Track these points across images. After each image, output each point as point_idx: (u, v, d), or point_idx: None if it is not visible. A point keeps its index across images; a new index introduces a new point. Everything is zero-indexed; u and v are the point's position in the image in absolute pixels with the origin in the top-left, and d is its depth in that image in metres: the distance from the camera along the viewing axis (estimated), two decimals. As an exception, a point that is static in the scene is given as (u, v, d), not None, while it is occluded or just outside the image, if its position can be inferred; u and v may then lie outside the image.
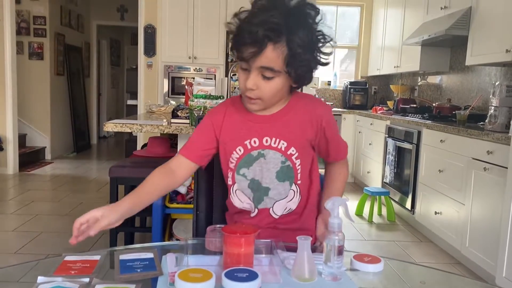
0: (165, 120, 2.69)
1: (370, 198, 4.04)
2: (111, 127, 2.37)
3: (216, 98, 2.33)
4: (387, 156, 4.25)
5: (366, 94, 5.85)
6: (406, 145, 3.81)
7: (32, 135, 6.25)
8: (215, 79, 5.02)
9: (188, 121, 2.40)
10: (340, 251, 0.94)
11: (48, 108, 6.29)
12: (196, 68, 5.12)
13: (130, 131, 2.40)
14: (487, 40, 3.12)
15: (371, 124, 4.82)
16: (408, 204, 3.73)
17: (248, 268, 0.88)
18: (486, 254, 2.60)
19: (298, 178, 1.20)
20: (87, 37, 7.78)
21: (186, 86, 3.18)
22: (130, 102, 6.37)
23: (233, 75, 4.32)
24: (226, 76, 5.02)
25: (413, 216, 3.69)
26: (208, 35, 5.10)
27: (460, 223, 2.91)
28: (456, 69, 4.17)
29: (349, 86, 5.85)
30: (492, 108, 2.83)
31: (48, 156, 6.33)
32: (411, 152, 3.69)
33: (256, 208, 1.22)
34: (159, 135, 3.36)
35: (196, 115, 2.08)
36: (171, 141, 3.20)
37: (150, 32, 5.23)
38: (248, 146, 1.18)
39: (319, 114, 1.18)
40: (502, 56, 2.90)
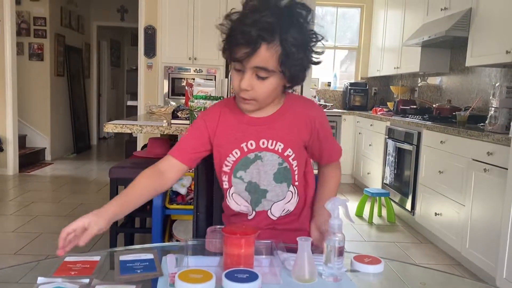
0: (165, 121, 2.69)
1: (370, 199, 4.04)
2: (111, 128, 2.37)
3: (216, 99, 2.32)
4: (387, 157, 4.25)
5: (366, 95, 5.85)
6: (406, 146, 3.81)
7: (32, 136, 6.25)
8: (215, 80, 5.02)
9: (188, 122, 2.40)
10: (340, 252, 0.94)
11: (48, 109, 6.30)
12: (196, 69, 5.12)
13: (130, 132, 2.39)
14: (487, 41, 3.12)
15: (371, 125, 4.83)
16: (408, 205, 3.73)
17: (248, 269, 0.88)
18: (486, 255, 2.60)
19: (296, 179, 1.20)
20: (87, 38, 7.79)
21: (186, 87, 3.18)
22: (130, 103, 6.37)
23: (233, 76, 4.30)
24: (226, 77, 5.01)
25: (413, 217, 3.69)
26: (208, 36, 5.09)
27: (460, 224, 2.91)
28: (456, 70, 4.18)
29: (349, 87, 5.85)
30: (492, 109, 2.84)
31: (48, 157, 6.34)
32: (411, 153, 3.69)
33: (253, 211, 1.21)
34: (159, 136, 3.36)
35: (196, 116, 2.08)
36: (171, 142, 3.19)
37: (150, 33, 5.23)
38: (245, 149, 1.17)
39: (313, 115, 1.19)
40: (502, 57, 2.90)
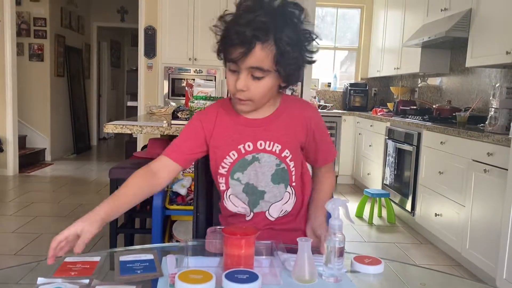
0: (165, 121, 2.69)
1: (370, 199, 4.04)
2: (111, 128, 2.37)
3: (216, 99, 2.33)
4: (387, 158, 4.25)
5: (366, 95, 5.86)
6: (406, 146, 3.81)
7: (32, 137, 6.25)
8: (215, 81, 5.02)
9: (188, 122, 2.39)
10: (340, 252, 0.94)
11: (48, 110, 6.30)
12: (196, 69, 5.12)
13: (130, 132, 2.39)
14: (487, 42, 3.12)
15: (371, 125, 4.83)
16: (408, 206, 3.73)
17: (248, 269, 0.88)
18: (487, 256, 2.60)
19: (293, 180, 1.20)
20: (88, 38, 7.79)
21: (186, 88, 3.18)
22: (130, 103, 6.38)
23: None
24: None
25: (413, 218, 3.69)
26: (208, 36, 5.02)
27: (460, 225, 2.91)
28: (456, 71, 4.18)
29: (349, 88, 5.85)
30: (492, 110, 2.84)
31: (48, 157, 6.34)
32: (411, 154, 3.69)
33: (251, 212, 1.21)
34: (159, 136, 3.36)
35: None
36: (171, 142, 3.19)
37: (150, 33, 5.23)
38: (242, 151, 1.16)
39: (309, 116, 1.20)
40: (502, 58, 2.90)
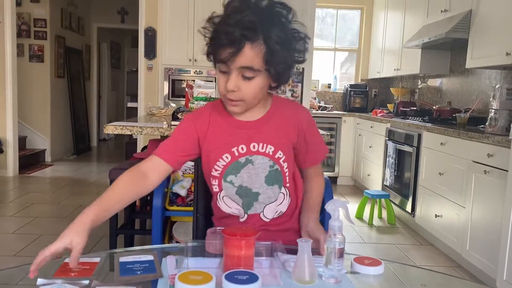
0: (165, 122, 2.69)
1: (371, 201, 4.04)
2: (111, 129, 2.37)
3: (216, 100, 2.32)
4: (387, 159, 4.24)
5: (366, 97, 5.86)
6: (407, 148, 3.81)
7: (32, 138, 6.25)
8: (215, 82, 5.02)
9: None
10: (340, 253, 0.94)
11: (48, 111, 6.30)
12: (196, 70, 5.12)
13: (130, 133, 2.39)
14: (487, 43, 3.12)
15: (371, 127, 4.83)
16: (409, 207, 3.73)
17: (248, 270, 0.88)
18: (487, 257, 2.59)
19: (287, 181, 1.20)
20: (88, 39, 7.79)
21: (186, 89, 3.18)
22: (130, 104, 6.38)
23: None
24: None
25: (413, 219, 3.68)
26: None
27: (460, 226, 2.90)
28: (456, 72, 4.18)
29: (349, 89, 5.86)
30: (493, 111, 2.84)
31: (48, 158, 6.33)
32: (412, 155, 3.69)
33: (245, 214, 1.21)
34: (159, 137, 3.36)
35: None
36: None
37: (151, 34, 5.23)
38: (236, 153, 1.16)
39: (300, 118, 1.20)
40: (502, 59, 2.90)
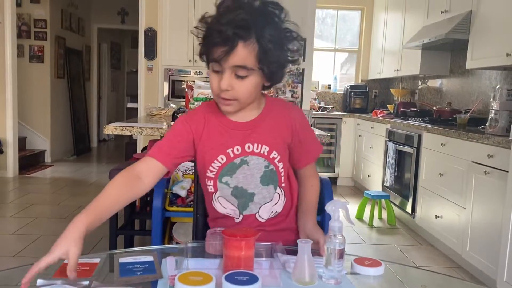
0: (165, 123, 2.69)
1: (371, 201, 4.03)
2: (111, 130, 2.37)
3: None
4: (387, 160, 4.24)
5: (367, 97, 5.86)
6: (407, 148, 3.81)
7: (32, 138, 6.25)
8: (215, 82, 5.01)
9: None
10: (340, 254, 0.94)
11: (48, 111, 6.30)
12: (196, 71, 5.12)
13: (130, 134, 2.39)
14: (487, 44, 3.12)
15: (371, 127, 4.82)
16: (409, 208, 3.73)
17: (248, 271, 0.88)
18: (487, 258, 2.59)
19: (282, 181, 1.20)
20: (88, 40, 7.79)
21: (186, 89, 3.17)
22: (130, 105, 6.38)
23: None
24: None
25: (413, 220, 3.68)
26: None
27: (460, 227, 2.90)
28: (457, 72, 4.18)
29: (349, 90, 5.86)
30: (493, 111, 2.84)
31: (48, 159, 6.33)
32: (412, 156, 3.69)
33: (241, 214, 1.21)
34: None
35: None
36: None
37: (151, 35, 5.23)
38: (231, 155, 1.16)
39: (293, 117, 1.21)
40: (503, 60, 2.90)
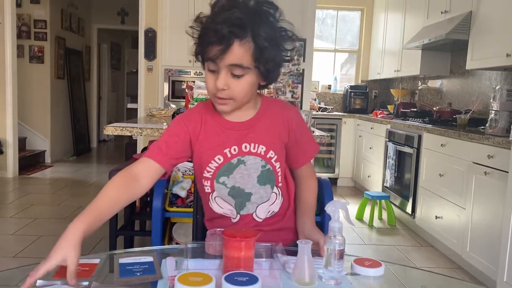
0: (165, 123, 2.69)
1: (371, 202, 4.03)
2: (111, 130, 2.37)
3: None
4: (387, 160, 4.24)
5: (367, 98, 5.86)
6: (407, 149, 3.81)
7: (32, 139, 6.25)
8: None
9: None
10: (340, 255, 0.94)
11: (48, 112, 6.30)
12: (196, 71, 5.11)
13: (130, 134, 2.39)
14: (488, 44, 3.12)
15: (371, 128, 4.82)
16: (409, 208, 3.72)
17: (248, 272, 0.88)
18: (487, 258, 2.59)
19: (279, 181, 1.20)
20: (88, 40, 7.80)
21: (186, 90, 3.18)
22: (130, 105, 6.37)
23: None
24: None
25: (413, 221, 3.68)
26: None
27: (461, 228, 2.90)
28: (457, 73, 4.18)
29: (349, 90, 5.86)
30: (493, 112, 2.84)
31: (48, 159, 6.33)
32: (412, 156, 3.69)
33: (238, 214, 1.20)
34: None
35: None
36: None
37: (151, 35, 5.23)
38: (228, 155, 1.15)
39: (290, 117, 1.20)
40: (503, 60, 2.90)
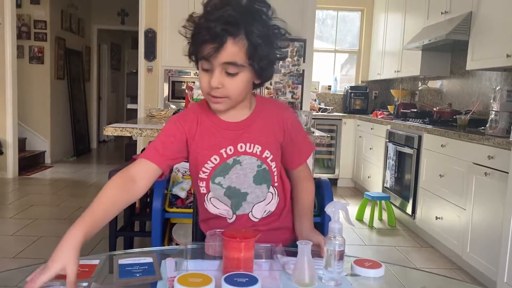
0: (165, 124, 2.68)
1: (371, 202, 4.03)
2: (111, 131, 2.37)
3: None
4: (387, 161, 4.24)
5: (367, 98, 5.85)
6: (407, 149, 3.81)
7: (32, 139, 6.25)
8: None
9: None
10: (340, 256, 0.93)
11: (48, 112, 6.30)
12: (196, 72, 5.08)
13: (130, 135, 2.39)
14: (488, 45, 3.12)
15: (371, 128, 4.82)
16: (409, 209, 3.72)
17: (248, 273, 0.88)
18: (487, 259, 2.59)
19: (275, 180, 1.20)
20: (88, 41, 7.80)
21: (186, 90, 3.18)
22: (130, 106, 6.36)
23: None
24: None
25: (413, 221, 3.68)
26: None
27: (461, 228, 2.90)
28: (457, 73, 4.18)
29: (349, 91, 5.86)
30: (493, 113, 2.83)
31: (47, 160, 6.33)
32: (412, 157, 3.69)
33: (234, 214, 1.20)
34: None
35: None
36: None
37: (151, 36, 5.23)
38: (224, 155, 1.15)
39: (285, 116, 1.20)
40: (503, 61, 2.90)
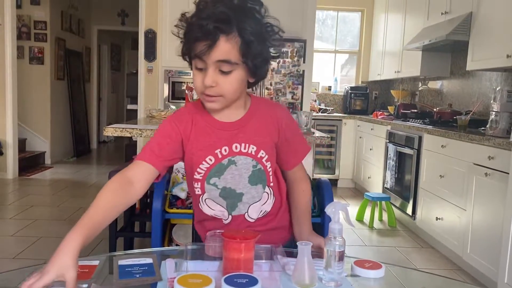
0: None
1: (371, 203, 4.03)
2: (111, 131, 2.37)
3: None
4: (388, 161, 4.24)
5: (367, 99, 5.85)
6: (407, 150, 3.81)
7: (32, 140, 6.25)
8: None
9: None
10: (340, 256, 0.93)
11: (48, 113, 6.30)
12: (196, 73, 5.11)
13: (130, 135, 2.40)
14: (488, 45, 3.12)
15: (371, 129, 4.82)
16: (409, 210, 3.72)
17: (248, 273, 0.88)
18: (488, 260, 2.59)
19: (271, 180, 1.19)
20: (88, 41, 7.80)
21: (186, 91, 3.18)
22: (130, 106, 6.36)
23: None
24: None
25: (414, 222, 3.67)
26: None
27: (461, 229, 2.90)
28: (457, 74, 4.17)
29: (349, 91, 5.85)
30: (493, 113, 2.83)
31: (48, 160, 6.33)
32: (412, 157, 3.68)
33: (229, 215, 1.20)
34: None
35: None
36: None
37: (151, 36, 5.23)
38: (219, 155, 1.15)
39: (280, 116, 1.20)
40: (503, 61, 2.90)
